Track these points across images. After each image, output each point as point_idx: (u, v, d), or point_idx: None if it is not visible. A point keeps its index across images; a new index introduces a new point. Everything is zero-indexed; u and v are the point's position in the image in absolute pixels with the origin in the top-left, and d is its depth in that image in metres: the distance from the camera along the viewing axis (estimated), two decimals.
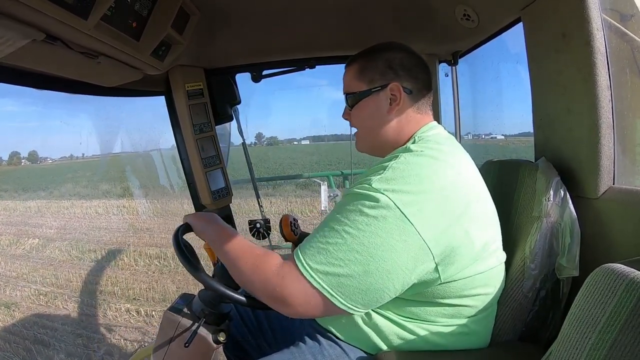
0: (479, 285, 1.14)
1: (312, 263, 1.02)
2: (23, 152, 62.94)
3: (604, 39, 1.19)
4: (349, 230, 1.01)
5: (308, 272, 1.02)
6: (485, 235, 1.13)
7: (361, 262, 1.00)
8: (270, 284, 1.06)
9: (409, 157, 1.10)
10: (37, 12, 0.91)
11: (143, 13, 1.34)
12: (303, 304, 1.04)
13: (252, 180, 2.84)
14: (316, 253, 1.03)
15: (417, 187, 1.03)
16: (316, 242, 1.05)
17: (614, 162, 1.23)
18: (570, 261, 1.22)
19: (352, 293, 1.02)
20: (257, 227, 2.22)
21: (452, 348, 1.20)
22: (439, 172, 1.07)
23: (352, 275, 1.00)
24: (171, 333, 1.32)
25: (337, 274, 1.01)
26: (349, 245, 1.00)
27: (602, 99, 1.19)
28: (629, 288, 0.72)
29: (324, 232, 1.05)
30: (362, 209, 1.02)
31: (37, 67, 1.30)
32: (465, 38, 2.02)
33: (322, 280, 1.01)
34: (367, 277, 1.00)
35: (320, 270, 1.01)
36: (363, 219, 1.01)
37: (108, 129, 23.63)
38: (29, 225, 15.72)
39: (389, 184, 1.03)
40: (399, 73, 1.29)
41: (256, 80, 2.37)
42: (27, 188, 28.89)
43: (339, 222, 1.04)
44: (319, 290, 1.01)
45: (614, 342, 0.72)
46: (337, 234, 1.03)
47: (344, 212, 1.05)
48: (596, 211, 1.25)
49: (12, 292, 8.82)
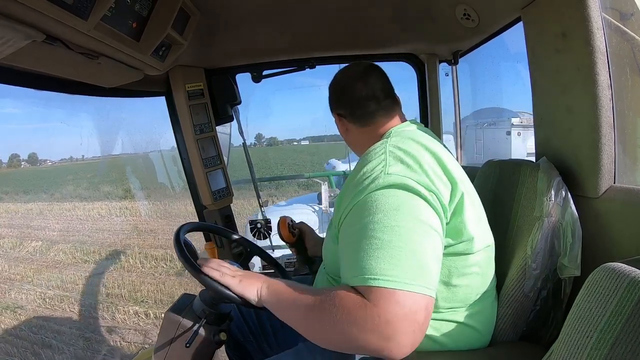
0: (472, 264, 1.15)
1: (393, 271, 0.92)
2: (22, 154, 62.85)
3: (604, 38, 1.19)
4: (395, 221, 0.98)
5: (395, 282, 0.92)
6: (474, 215, 1.15)
7: (428, 241, 0.99)
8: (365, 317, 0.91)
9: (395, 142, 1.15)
10: (37, 13, 0.91)
11: (143, 13, 1.34)
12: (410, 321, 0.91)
13: (253, 180, 2.84)
14: (382, 261, 0.94)
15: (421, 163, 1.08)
16: (373, 250, 0.96)
17: (614, 162, 1.22)
18: (572, 261, 1.22)
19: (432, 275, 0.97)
20: (257, 227, 2.22)
21: (454, 347, 1.20)
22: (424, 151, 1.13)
23: (427, 258, 0.97)
24: (172, 333, 1.33)
25: (416, 265, 0.94)
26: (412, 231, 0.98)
27: (602, 98, 1.19)
28: (630, 287, 0.72)
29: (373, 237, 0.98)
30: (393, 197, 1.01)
31: (37, 67, 1.30)
32: (466, 38, 2.02)
33: (410, 278, 0.92)
34: (438, 250, 1.02)
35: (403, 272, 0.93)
36: (400, 204, 1.00)
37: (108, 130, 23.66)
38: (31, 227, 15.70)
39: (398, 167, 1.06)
40: (334, 103, 1.45)
41: (256, 80, 2.38)
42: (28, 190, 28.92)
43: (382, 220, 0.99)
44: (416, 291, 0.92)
45: (615, 341, 0.72)
46: (388, 230, 0.97)
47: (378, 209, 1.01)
48: (597, 210, 1.24)
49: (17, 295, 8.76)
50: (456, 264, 1.13)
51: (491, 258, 1.24)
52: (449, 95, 2.59)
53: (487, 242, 1.20)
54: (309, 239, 1.91)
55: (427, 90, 2.45)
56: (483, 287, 1.21)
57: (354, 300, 0.93)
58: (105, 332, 6.13)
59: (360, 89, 1.36)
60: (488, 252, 1.21)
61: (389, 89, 1.39)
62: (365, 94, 1.35)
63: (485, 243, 1.18)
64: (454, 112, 2.64)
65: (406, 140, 1.17)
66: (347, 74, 1.43)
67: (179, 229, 1.35)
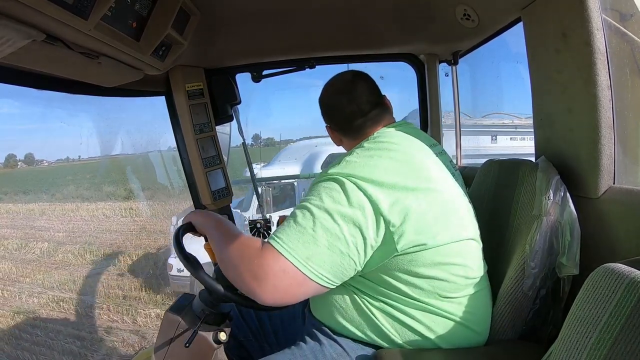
0: (440, 254, 1.17)
1: (282, 236, 1.13)
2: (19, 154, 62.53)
3: (604, 39, 1.19)
4: (313, 203, 1.14)
5: (282, 246, 1.11)
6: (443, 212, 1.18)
7: (327, 228, 1.11)
8: (252, 261, 1.13)
9: (359, 151, 1.25)
10: (38, 13, 0.91)
11: (143, 13, 1.34)
12: (277, 277, 1.10)
13: (252, 180, 2.84)
14: (286, 228, 1.14)
15: (370, 166, 1.17)
16: (287, 222, 1.16)
17: (614, 162, 1.23)
18: (571, 260, 1.22)
19: (320, 260, 1.11)
20: (257, 226, 2.22)
21: (450, 345, 1.22)
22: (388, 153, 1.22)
23: (318, 241, 1.11)
24: (172, 333, 1.33)
25: (305, 241, 1.11)
26: (314, 215, 1.12)
27: (602, 99, 1.19)
28: (629, 288, 0.72)
29: (293, 213, 1.18)
30: (324, 188, 1.16)
31: (37, 67, 1.30)
32: (466, 38, 2.03)
33: (291, 248, 1.10)
34: (333, 241, 1.11)
35: (291, 240, 1.11)
36: (325, 193, 1.15)
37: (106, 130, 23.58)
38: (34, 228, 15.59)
39: (343, 168, 1.18)
40: (325, 116, 1.52)
41: (256, 80, 2.37)
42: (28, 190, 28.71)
43: (305, 201, 1.17)
44: (290, 260, 1.10)
45: (614, 341, 0.72)
46: (303, 209, 1.15)
47: (308, 195, 1.19)
48: (596, 211, 1.25)
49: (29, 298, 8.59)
50: (417, 257, 1.15)
51: (473, 251, 1.25)
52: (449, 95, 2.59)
53: (461, 236, 1.22)
54: None
55: (427, 90, 2.45)
56: (464, 280, 1.22)
57: (255, 246, 1.17)
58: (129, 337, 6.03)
59: (346, 105, 1.41)
60: (465, 245, 1.23)
61: (375, 99, 1.42)
62: (351, 110, 1.40)
63: (459, 236, 1.21)
64: (454, 112, 2.64)
65: (376, 145, 1.26)
66: (333, 89, 1.48)
67: (179, 229, 1.35)
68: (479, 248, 1.28)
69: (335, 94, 1.46)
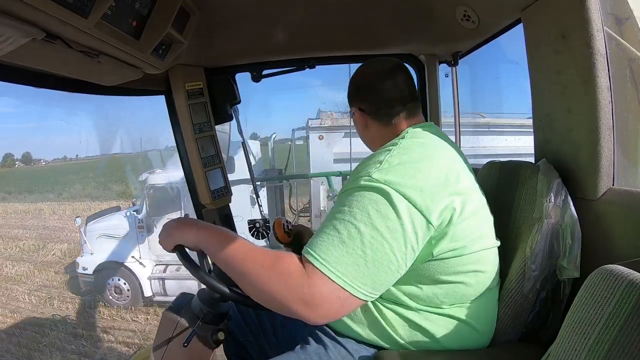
0: (470, 262, 1.17)
1: (329, 258, 1.04)
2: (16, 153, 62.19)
3: (604, 40, 1.19)
4: (360, 218, 1.06)
5: (327, 267, 1.03)
6: (474, 220, 1.17)
7: (377, 248, 1.04)
8: (296, 285, 1.04)
9: (400, 149, 1.18)
10: (38, 11, 0.91)
11: (143, 12, 1.34)
12: (328, 303, 1.04)
13: (252, 180, 2.84)
14: (331, 247, 1.05)
15: (414, 172, 1.11)
16: (328, 237, 1.07)
17: (613, 164, 1.23)
18: (571, 262, 1.22)
19: (371, 280, 1.05)
20: (256, 226, 2.22)
21: (454, 347, 1.21)
22: (429, 157, 1.18)
23: (369, 262, 1.04)
24: (170, 333, 1.33)
25: (355, 263, 1.04)
26: (362, 233, 1.04)
27: (601, 100, 1.19)
28: (628, 289, 0.72)
29: (333, 226, 1.08)
30: (368, 199, 1.07)
31: (37, 65, 1.30)
32: (466, 39, 2.03)
33: (342, 273, 1.03)
34: (384, 260, 1.05)
35: (340, 263, 1.03)
36: (371, 206, 1.06)
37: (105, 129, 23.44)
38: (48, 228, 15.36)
39: (388, 174, 1.10)
40: (357, 97, 1.44)
41: (256, 80, 2.37)
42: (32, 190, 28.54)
43: (348, 214, 1.08)
44: (341, 285, 1.03)
45: (612, 343, 0.72)
46: (349, 224, 1.06)
47: (351, 204, 1.09)
48: (595, 212, 1.25)
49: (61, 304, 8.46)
50: (451, 263, 1.15)
51: (493, 258, 1.25)
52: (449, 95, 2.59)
53: (490, 244, 1.23)
54: (307, 239, 1.91)
55: (426, 91, 2.45)
56: (483, 287, 1.22)
57: (296, 267, 1.06)
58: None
59: (389, 88, 1.36)
60: (490, 253, 1.23)
61: (414, 92, 1.39)
62: (394, 95, 1.35)
63: (486, 245, 1.21)
64: (454, 113, 2.64)
65: (414, 148, 1.20)
66: (375, 69, 1.40)
67: None
68: (497, 254, 1.28)
69: (378, 74, 1.39)
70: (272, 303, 1.08)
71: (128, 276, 8.22)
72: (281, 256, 1.09)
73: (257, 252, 1.12)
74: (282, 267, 1.06)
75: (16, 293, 9.60)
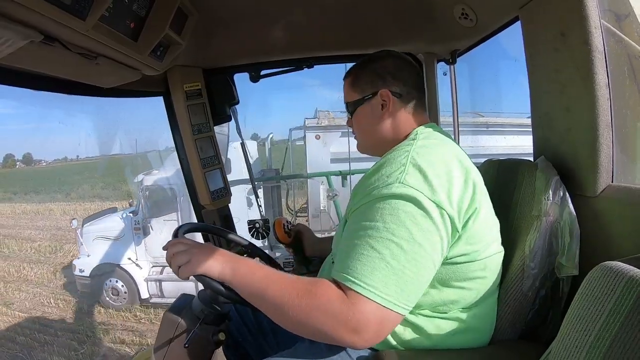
0: (479, 268, 1.17)
1: (374, 283, 1.00)
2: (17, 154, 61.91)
3: (602, 38, 1.19)
4: (397, 237, 1.02)
5: (374, 293, 0.99)
6: (487, 223, 1.18)
7: (420, 262, 1.03)
8: (341, 313, 0.99)
9: (419, 150, 1.16)
10: (35, 13, 0.91)
11: (141, 13, 1.34)
12: (380, 329, 1.02)
13: (251, 180, 2.84)
14: (374, 271, 1.01)
15: (441, 175, 1.09)
16: (366, 259, 1.02)
17: (612, 161, 1.23)
18: (570, 260, 1.22)
19: (414, 296, 1.05)
20: (256, 227, 2.22)
21: (453, 346, 1.21)
22: (450, 160, 1.16)
23: (414, 280, 1.03)
24: (171, 334, 1.32)
25: (401, 283, 1.01)
26: (405, 251, 1.02)
27: (600, 98, 1.19)
28: (628, 286, 0.72)
29: (370, 246, 1.03)
30: (402, 211, 1.04)
31: (35, 68, 1.30)
32: (464, 37, 2.03)
33: (390, 296, 1.00)
34: (426, 275, 1.06)
35: (386, 287, 1.00)
36: (406, 221, 1.03)
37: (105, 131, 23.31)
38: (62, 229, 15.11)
39: (416, 179, 1.07)
40: (387, 79, 1.35)
41: (254, 80, 2.37)
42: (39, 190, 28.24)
43: (382, 230, 1.03)
44: (393, 309, 1.00)
45: (613, 339, 0.72)
46: (386, 243, 1.02)
47: (384, 220, 1.04)
48: (595, 209, 1.25)
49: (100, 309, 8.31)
50: (462, 269, 1.15)
51: (499, 263, 1.25)
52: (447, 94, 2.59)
53: (496, 250, 1.23)
54: (307, 239, 1.91)
55: (425, 90, 2.45)
56: (488, 290, 1.22)
57: (335, 293, 1.02)
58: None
59: (415, 75, 1.39)
60: (496, 258, 1.23)
61: (424, 89, 1.41)
62: (416, 82, 1.37)
63: (494, 250, 1.21)
64: (452, 111, 2.64)
65: (433, 148, 1.20)
66: (401, 56, 1.42)
67: (177, 229, 1.35)
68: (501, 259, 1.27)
69: (407, 62, 1.40)
70: (315, 333, 1.04)
71: (125, 278, 8.18)
72: (315, 282, 1.05)
73: (289, 281, 1.08)
74: (321, 294, 1.02)
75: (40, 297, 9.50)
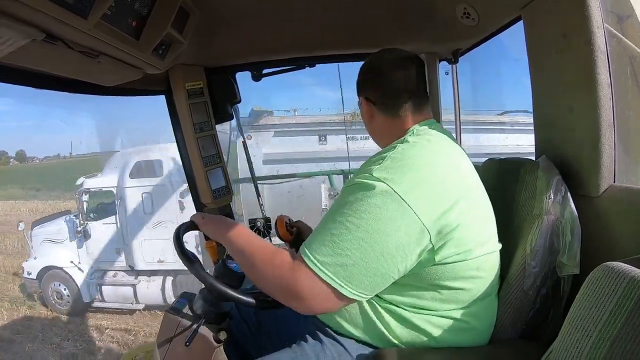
0: (472, 268, 1.16)
1: (319, 256, 1.08)
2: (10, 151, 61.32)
3: (605, 38, 1.19)
4: (352, 219, 1.07)
5: (316, 265, 1.07)
6: (479, 223, 1.18)
7: (366, 249, 1.06)
8: (284, 279, 1.12)
9: (406, 147, 1.18)
10: (38, 12, 0.91)
11: (143, 12, 1.34)
12: (314, 297, 1.10)
13: (253, 179, 2.84)
14: (322, 246, 1.09)
15: (416, 174, 1.11)
16: (321, 235, 1.11)
17: (614, 161, 1.23)
18: (571, 259, 1.22)
19: (359, 280, 1.08)
20: (257, 225, 2.22)
21: (452, 344, 1.21)
22: (434, 160, 1.17)
23: (358, 263, 1.06)
24: (172, 332, 1.33)
25: (343, 263, 1.06)
26: (353, 234, 1.06)
27: (602, 98, 1.19)
28: (629, 286, 0.72)
29: (328, 224, 1.11)
30: (364, 198, 1.08)
31: (37, 66, 1.30)
32: (466, 36, 2.02)
33: (330, 271, 1.07)
34: (373, 262, 1.06)
35: (328, 262, 1.07)
36: (365, 207, 1.07)
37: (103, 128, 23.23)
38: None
39: (389, 173, 1.10)
40: (364, 86, 1.40)
41: (256, 79, 2.37)
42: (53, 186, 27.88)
43: (342, 214, 1.10)
44: (328, 282, 1.07)
45: (614, 340, 0.72)
46: (340, 225, 1.08)
47: (346, 203, 1.10)
48: (597, 209, 1.25)
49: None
50: (453, 269, 1.14)
51: (495, 262, 1.25)
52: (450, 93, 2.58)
53: (491, 249, 1.22)
54: (307, 236, 1.90)
55: (425, 87, 2.44)
56: (484, 290, 1.22)
57: (288, 262, 1.14)
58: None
59: (399, 79, 1.32)
60: (492, 257, 1.23)
61: (424, 86, 1.37)
62: (403, 86, 1.32)
63: (488, 249, 1.20)
64: (454, 111, 2.64)
65: (421, 145, 1.20)
66: (388, 59, 1.37)
67: (180, 228, 1.35)
68: (499, 257, 1.27)
69: (390, 64, 1.35)
70: (271, 294, 1.19)
71: (68, 281, 8.22)
72: (278, 250, 1.19)
73: (261, 246, 1.22)
74: (275, 261, 1.15)
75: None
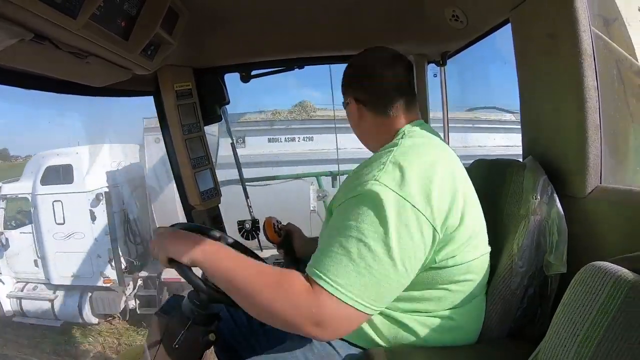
0: (464, 272, 1.16)
1: (339, 279, 1.00)
2: None
3: (592, 41, 1.20)
4: (367, 233, 1.02)
5: (338, 290, 1.00)
6: (474, 223, 1.18)
7: (387, 263, 1.01)
8: (304, 307, 1.01)
9: (405, 150, 1.15)
10: (26, 11, 0.90)
11: (132, 12, 1.33)
12: (339, 322, 1.03)
13: (241, 180, 2.83)
14: (339, 266, 1.01)
15: (420, 178, 1.07)
16: (335, 254, 1.03)
17: (600, 162, 1.24)
18: (558, 258, 1.23)
19: (382, 296, 1.04)
20: (245, 227, 2.21)
21: (440, 344, 1.21)
22: (435, 162, 1.13)
23: (381, 281, 1.02)
24: (160, 334, 1.32)
25: (366, 283, 1.01)
26: (371, 250, 1.01)
27: (589, 100, 1.20)
28: (616, 285, 0.73)
29: (340, 241, 1.04)
30: (374, 209, 1.03)
31: (25, 67, 1.29)
32: (454, 39, 2.04)
33: (355, 294, 1.00)
34: (395, 275, 1.03)
35: (350, 284, 1.00)
36: (378, 219, 1.02)
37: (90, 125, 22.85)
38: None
39: (394, 179, 1.06)
40: (352, 86, 1.38)
41: (245, 80, 2.37)
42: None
43: (354, 229, 1.03)
44: (354, 306, 1.00)
45: (601, 338, 0.73)
46: (356, 241, 1.02)
47: (357, 217, 1.04)
48: (583, 210, 1.26)
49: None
50: (447, 273, 1.14)
51: (486, 264, 1.25)
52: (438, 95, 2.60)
53: (483, 251, 1.23)
54: (297, 239, 1.90)
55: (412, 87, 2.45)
56: (475, 291, 1.23)
57: (302, 286, 1.03)
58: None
59: (389, 78, 1.31)
60: (483, 260, 1.23)
61: (413, 85, 1.36)
62: (392, 86, 1.30)
63: (480, 252, 1.21)
64: (442, 113, 2.66)
65: (419, 148, 1.19)
66: (375, 58, 1.37)
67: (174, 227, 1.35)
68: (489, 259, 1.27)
69: (378, 63, 1.34)
70: (280, 324, 1.06)
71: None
72: (285, 274, 1.07)
73: (259, 270, 1.10)
74: (287, 285, 1.04)
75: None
